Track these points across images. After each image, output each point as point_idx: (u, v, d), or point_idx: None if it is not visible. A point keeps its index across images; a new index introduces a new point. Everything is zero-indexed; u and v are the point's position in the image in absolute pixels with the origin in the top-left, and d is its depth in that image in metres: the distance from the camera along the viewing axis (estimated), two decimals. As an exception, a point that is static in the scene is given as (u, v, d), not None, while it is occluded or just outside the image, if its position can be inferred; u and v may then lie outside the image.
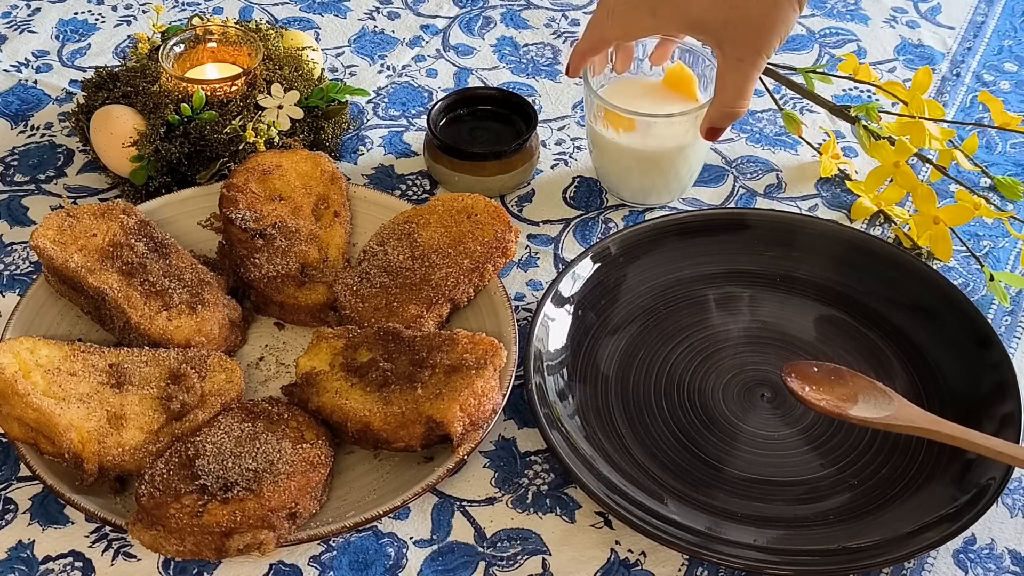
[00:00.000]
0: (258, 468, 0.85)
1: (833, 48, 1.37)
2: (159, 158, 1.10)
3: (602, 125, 1.10)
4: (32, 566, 0.88)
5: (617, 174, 1.13)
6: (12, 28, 1.37)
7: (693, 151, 1.10)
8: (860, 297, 1.06)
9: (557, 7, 1.42)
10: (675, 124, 1.08)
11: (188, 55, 1.16)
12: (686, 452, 0.95)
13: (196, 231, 1.07)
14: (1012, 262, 1.12)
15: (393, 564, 0.88)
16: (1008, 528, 0.92)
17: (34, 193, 1.17)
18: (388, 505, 0.88)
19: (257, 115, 1.12)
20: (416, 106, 1.27)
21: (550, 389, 0.97)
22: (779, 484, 0.93)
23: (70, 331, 1.00)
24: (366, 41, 1.36)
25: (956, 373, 0.99)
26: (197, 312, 0.98)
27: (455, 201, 1.05)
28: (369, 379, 0.92)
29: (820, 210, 1.16)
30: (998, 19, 1.41)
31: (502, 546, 0.90)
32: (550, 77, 1.32)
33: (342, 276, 1.02)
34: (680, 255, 1.08)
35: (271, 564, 0.88)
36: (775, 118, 1.26)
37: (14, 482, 0.93)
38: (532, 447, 0.96)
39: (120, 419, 0.89)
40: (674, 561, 0.89)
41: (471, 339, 0.93)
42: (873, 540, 0.88)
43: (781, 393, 0.99)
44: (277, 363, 1.01)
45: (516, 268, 1.10)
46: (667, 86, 1.14)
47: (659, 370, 1.01)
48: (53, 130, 1.24)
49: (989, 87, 1.32)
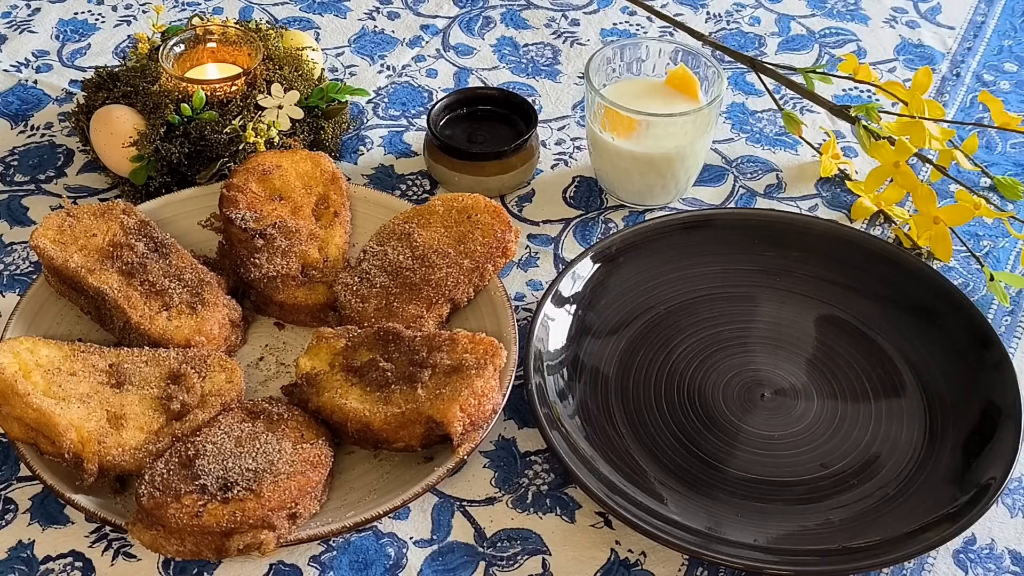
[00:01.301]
0: (258, 468, 0.85)
1: (833, 48, 1.37)
2: (159, 158, 1.10)
3: (602, 126, 1.10)
4: (32, 566, 0.88)
5: (616, 176, 1.13)
6: (12, 28, 1.37)
7: (692, 153, 1.10)
8: (860, 297, 1.06)
9: (557, 7, 1.42)
10: (675, 124, 1.08)
11: (188, 55, 1.16)
12: (686, 452, 0.95)
13: (196, 231, 1.07)
14: (1012, 262, 1.12)
15: (393, 564, 0.88)
16: (1008, 528, 0.92)
17: (34, 193, 1.17)
18: (388, 505, 0.87)
19: (257, 115, 1.12)
20: (416, 106, 1.27)
21: (550, 389, 0.97)
22: (779, 484, 0.93)
23: (70, 331, 1.00)
24: (366, 41, 1.36)
25: (956, 373, 0.99)
26: (197, 312, 0.98)
27: (455, 201, 1.05)
28: (369, 379, 0.92)
29: (820, 210, 1.16)
30: (998, 19, 1.41)
31: (502, 546, 0.90)
32: (550, 77, 1.32)
33: (342, 276, 1.02)
34: (680, 255, 1.08)
35: (271, 564, 0.88)
36: (775, 118, 1.26)
37: (14, 482, 0.93)
38: (532, 447, 0.96)
39: (120, 419, 0.89)
40: (674, 561, 0.89)
41: (471, 339, 0.93)
42: (873, 540, 0.88)
43: (781, 393, 0.99)
44: (277, 363, 1.01)
45: (516, 268, 1.10)
46: (670, 87, 1.14)
47: (659, 370, 1.01)
48: (53, 130, 1.24)
49: (989, 87, 1.32)
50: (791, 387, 0.99)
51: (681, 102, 1.13)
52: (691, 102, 1.13)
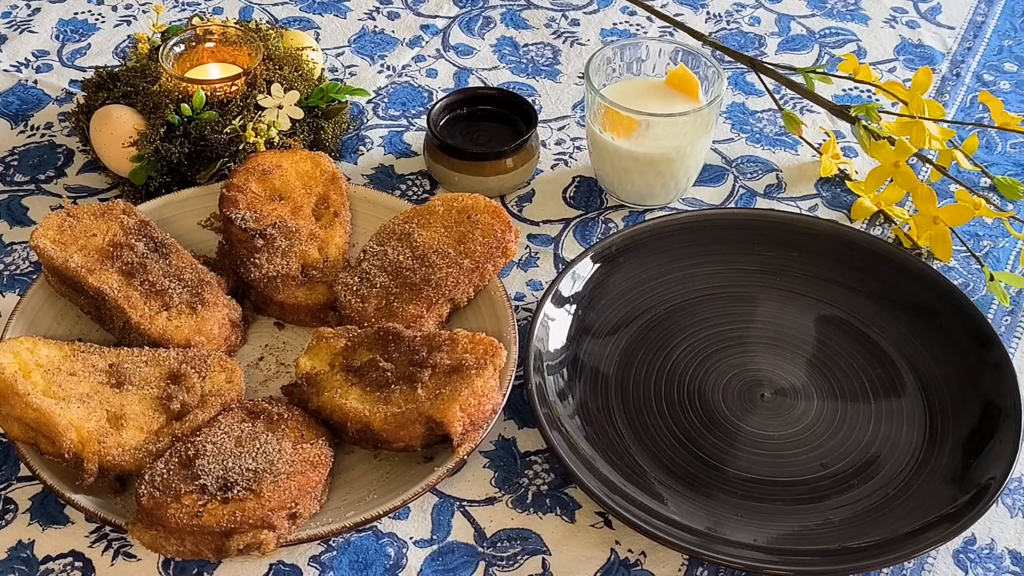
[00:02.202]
0: (258, 468, 0.85)
1: (833, 48, 1.37)
2: (159, 158, 1.10)
3: (602, 127, 1.10)
4: (32, 566, 0.88)
5: (616, 176, 1.13)
6: (12, 28, 1.37)
7: (692, 153, 1.10)
8: (860, 297, 1.06)
9: (557, 7, 1.42)
10: (675, 124, 1.08)
11: (188, 55, 1.16)
12: (686, 452, 0.95)
13: (196, 231, 1.07)
14: (1012, 262, 1.12)
15: (393, 564, 0.88)
16: (1008, 528, 0.92)
17: (34, 193, 1.17)
18: (388, 505, 0.87)
19: (257, 115, 1.12)
20: (416, 106, 1.27)
21: (550, 389, 0.97)
22: (779, 484, 0.93)
23: (70, 331, 1.00)
24: (366, 41, 1.36)
25: (956, 373, 0.99)
26: (197, 312, 0.98)
27: (455, 201, 1.05)
28: (369, 379, 0.92)
29: (820, 210, 1.16)
30: (998, 19, 1.41)
31: (502, 546, 0.90)
32: (550, 77, 1.32)
33: (342, 276, 1.02)
34: (680, 255, 1.08)
35: (271, 564, 0.88)
36: (775, 118, 1.26)
37: (14, 482, 0.93)
38: (532, 447, 0.96)
39: (120, 419, 0.89)
40: (674, 561, 0.89)
41: (471, 339, 0.93)
42: (873, 540, 0.88)
43: (781, 393, 0.99)
44: (277, 363, 1.01)
45: (516, 268, 1.10)
46: (670, 87, 1.14)
47: (659, 370, 1.01)
48: (53, 130, 1.24)
49: (989, 87, 1.32)
50: (791, 387, 0.99)
51: (681, 102, 1.13)
52: (691, 102, 1.13)
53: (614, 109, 1.08)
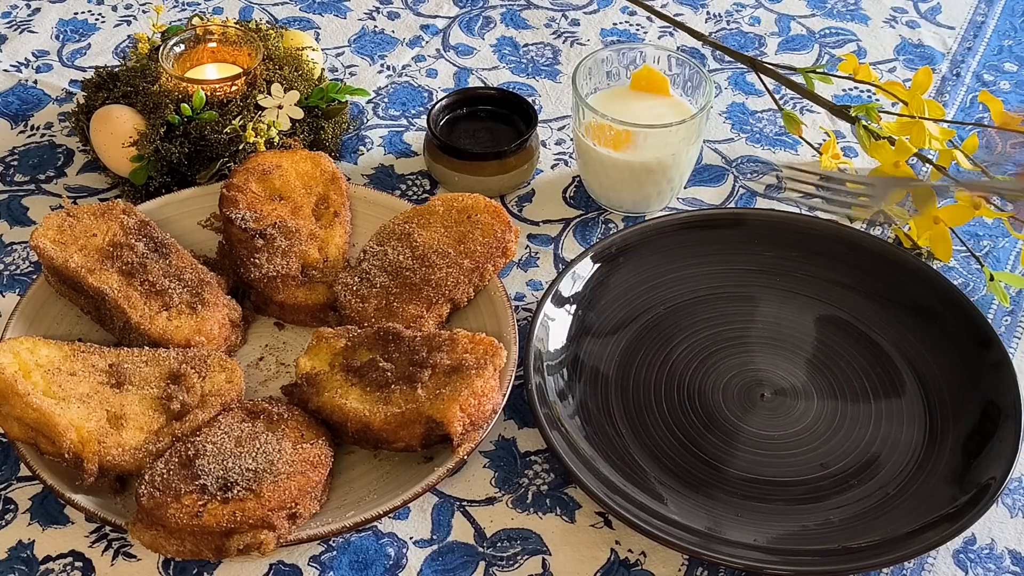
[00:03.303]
0: (258, 468, 0.85)
1: (833, 48, 1.37)
2: (159, 158, 1.10)
3: (595, 140, 1.09)
4: (32, 566, 0.88)
5: (609, 188, 1.12)
6: (12, 28, 1.37)
7: (676, 163, 1.09)
8: (860, 297, 1.06)
9: (557, 7, 1.42)
10: (667, 134, 1.07)
11: (188, 55, 1.16)
12: (686, 452, 0.95)
13: (196, 231, 1.07)
14: (1012, 262, 1.12)
15: (393, 564, 0.88)
16: (1008, 528, 0.92)
17: (34, 193, 1.17)
18: (388, 505, 0.87)
19: (257, 115, 1.12)
20: (416, 106, 1.27)
21: (550, 389, 0.97)
22: (779, 484, 0.93)
23: (70, 331, 1.00)
24: (366, 41, 1.36)
25: (956, 373, 0.99)
26: (197, 312, 0.98)
27: (455, 201, 1.05)
28: (369, 379, 0.92)
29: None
30: (998, 19, 1.41)
31: (502, 546, 0.90)
32: (550, 77, 1.32)
33: (342, 276, 1.02)
34: (680, 255, 1.08)
35: (271, 564, 0.88)
36: (775, 118, 1.26)
37: (14, 482, 0.93)
38: (532, 447, 0.96)
39: (120, 419, 0.89)
40: (674, 561, 0.89)
41: (471, 339, 0.93)
42: (873, 540, 0.88)
43: (781, 393, 0.99)
44: (277, 363, 1.01)
45: (516, 268, 1.10)
46: (636, 90, 1.13)
47: (659, 370, 1.01)
48: (53, 130, 1.24)
49: (989, 87, 1.32)
50: (791, 387, 0.99)
51: (653, 102, 1.12)
52: (663, 99, 1.12)
53: (608, 124, 1.07)
